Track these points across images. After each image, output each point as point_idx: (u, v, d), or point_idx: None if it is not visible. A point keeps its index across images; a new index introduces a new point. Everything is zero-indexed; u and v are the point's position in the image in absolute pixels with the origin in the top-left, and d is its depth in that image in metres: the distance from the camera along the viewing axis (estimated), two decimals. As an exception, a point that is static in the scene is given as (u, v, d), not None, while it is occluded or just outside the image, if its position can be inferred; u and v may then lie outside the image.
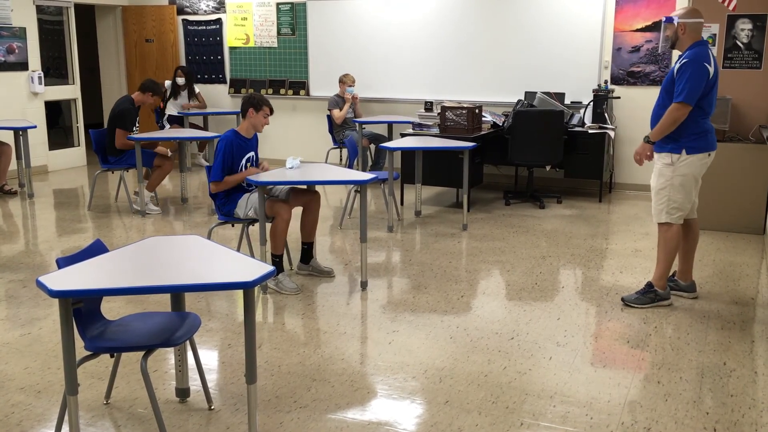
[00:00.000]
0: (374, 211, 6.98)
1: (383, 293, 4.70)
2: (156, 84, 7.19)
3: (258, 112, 4.79)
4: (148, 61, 10.14)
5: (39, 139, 8.93)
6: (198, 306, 4.43)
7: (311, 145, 9.32)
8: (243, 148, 4.81)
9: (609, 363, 3.65)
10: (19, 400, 3.26)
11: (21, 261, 5.41)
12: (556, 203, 7.39)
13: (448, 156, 6.93)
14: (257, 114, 4.79)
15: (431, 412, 3.14)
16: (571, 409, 3.17)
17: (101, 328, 2.92)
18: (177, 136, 7.14)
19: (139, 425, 3.05)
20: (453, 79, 8.56)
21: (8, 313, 4.33)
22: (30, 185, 7.68)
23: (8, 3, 8.49)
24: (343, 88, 8.24)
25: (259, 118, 4.80)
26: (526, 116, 7.11)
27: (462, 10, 8.40)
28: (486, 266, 5.28)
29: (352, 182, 4.82)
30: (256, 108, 4.78)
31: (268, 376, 3.49)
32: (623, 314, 4.33)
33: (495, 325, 4.13)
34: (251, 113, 4.79)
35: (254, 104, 4.78)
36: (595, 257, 5.51)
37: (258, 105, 4.79)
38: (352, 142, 6.72)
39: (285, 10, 9.33)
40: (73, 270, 2.70)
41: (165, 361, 3.66)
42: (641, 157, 4.31)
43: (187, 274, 2.72)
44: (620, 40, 7.79)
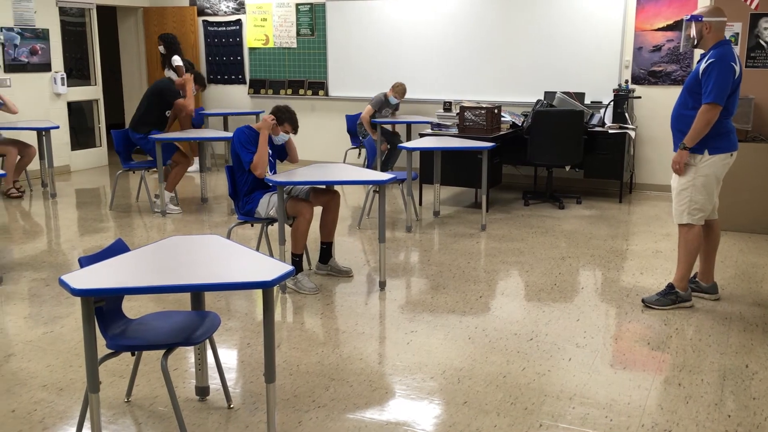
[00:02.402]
0: (393, 211, 6.99)
1: (402, 293, 4.71)
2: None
3: (279, 126, 4.91)
4: (169, 62, 10.21)
5: (62, 139, 9.04)
6: (217, 305, 4.46)
7: (330, 145, 9.34)
8: (256, 140, 4.86)
9: (629, 365, 3.62)
10: (41, 397, 3.30)
11: (44, 260, 5.48)
12: (576, 204, 7.34)
13: (467, 156, 6.92)
14: (277, 127, 4.90)
15: (449, 413, 3.14)
16: (591, 410, 3.15)
17: (122, 327, 2.95)
18: (197, 137, 7.19)
19: (159, 423, 3.08)
20: (472, 79, 8.54)
21: (31, 312, 4.39)
22: (53, 185, 7.77)
23: (32, 5, 8.60)
24: (391, 94, 8.18)
25: (276, 130, 4.90)
26: (545, 116, 7.08)
27: (481, 10, 8.38)
28: (505, 267, 5.26)
29: (371, 182, 4.83)
30: (279, 122, 4.90)
31: (286, 375, 3.51)
32: (644, 316, 4.30)
33: (514, 326, 4.12)
34: (272, 121, 4.89)
35: (278, 118, 4.90)
36: (615, 258, 5.47)
37: (281, 119, 4.91)
38: (371, 143, 6.73)
39: (304, 11, 9.36)
40: (95, 269, 2.73)
41: (185, 359, 3.69)
42: (680, 166, 4.25)
43: (207, 273, 2.74)
44: (641, 40, 7.73)
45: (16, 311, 4.40)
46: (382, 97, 8.22)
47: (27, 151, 7.90)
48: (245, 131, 4.85)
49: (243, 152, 4.78)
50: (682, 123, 4.23)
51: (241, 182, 4.87)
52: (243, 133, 4.83)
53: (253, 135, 4.85)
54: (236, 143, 4.79)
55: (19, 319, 4.26)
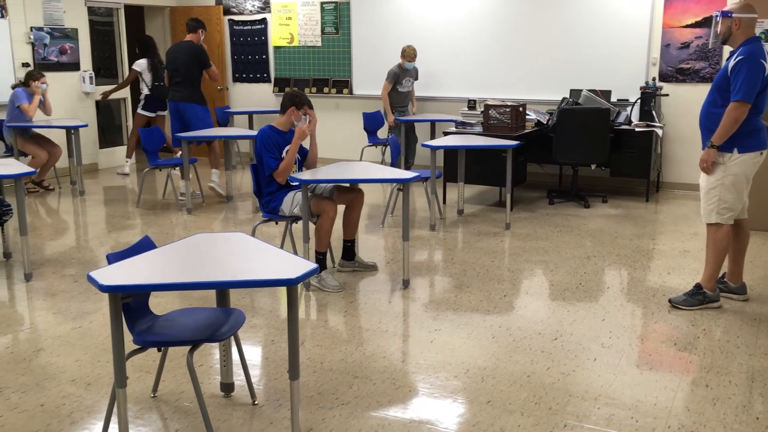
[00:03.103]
0: (416, 210, 6.98)
1: (425, 292, 4.70)
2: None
3: (299, 110, 4.83)
4: (195, 61, 10.29)
5: (90, 137, 9.17)
6: (242, 302, 4.50)
7: (355, 143, 9.35)
8: (279, 142, 4.85)
9: (655, 365, 3.58)
10: (70, 391, 3.35)
11: (72, 256, 5.56)
12: (602, 202, 7.28)
13: (491, 154, 6.89)
14: (298, 112, 4.82)
15: (473, 412, 3.13)
16: (616, 411, 3.12)
17: (149, 323, 2.98)
18: (222, 135, 7.25)
19: (184, 418, 3.11)
20: (496, 76, 8.50)
21: (60, 307, 4.46)
22: (81, 183, 7.88)
23: (61, 5, 8.72)
24: (404, 61, 8.26)
25: (298, 116, 4.82)
26: (570, 114, 7.02)
27: (506, 6, 8.33)
28: (529, 266, 5.24)
29: (396, 180, 4.83)
30: (298, 106, 4.82)
31: (310, 372, 3.52)
32: (671, 316, 4.25)
33: (538, 326, 4.10)
34: (292, 110, 4.82)
35: (296, 102, 4.82)
36: (641, 258, 5.41)
37: (300, 104, 4.82)
38: (395, 141, 6.73)
39: (329, 9, 9.38)
40: (122, 265, 2.77)
41: (210, 356, 3.72)
42: (707, 164, 4.19)
43: (232, 270, 2.76)
44: (669, 37, 7.63)
45: (45, 307, 4.47)
46: (396, 69, 8.28)
47: (54, 151, 8.03)
48: (269, 133, 4.81)
49: (267, 156, 4.75)
50: (710, 121, 4.17)
51: (265, 181, 4.88)
52: (267, 135, 4.79)
53: (276, 137, 4.83)
54: (260, 145, 4.77)
55: (48, 315, 4.33)
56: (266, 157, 4.75)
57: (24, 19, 8.33)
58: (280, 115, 4.89)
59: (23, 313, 4.40)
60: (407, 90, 8.39)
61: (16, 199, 4.86)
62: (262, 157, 4.78)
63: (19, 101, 7.66)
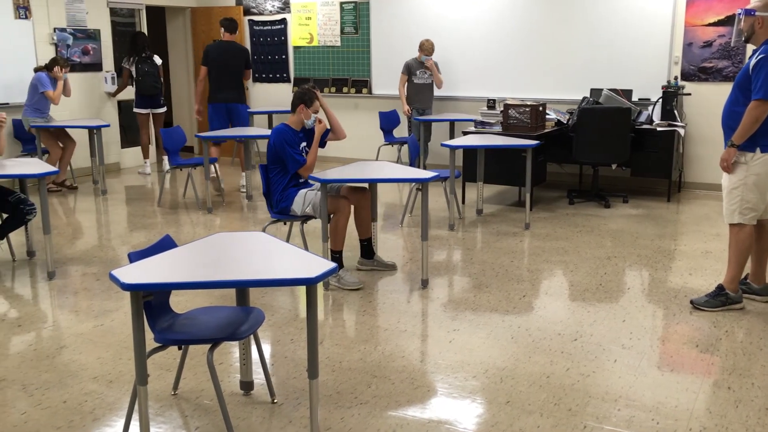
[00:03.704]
0: (435, 209, 6.97)
1: (444, 291, 4.70)
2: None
3: (309, 107, 4.87)
4: (215, 61, 10.36)
5: (112, 137, 9.26)
6: (262, 301, 4.52)
7: (374, 142, 9.35)
8: (296, 140, 4.88)
9: (677, 367, 3.55)
10: (92, 388, 3.39)
11: (95, 255, 5.62)
12: (622, 203, 7.22)
13: (511, 154, 6.86)
14: (308, 110, 4.87)
15: (492, 412, 3.13)
16: (637, 413, 3.10)
17: (170, 321, 3.01)
18: (242, 135, 7.29)
19: (205, 416, 3.14)
20: (516, 76, 8.47)
21: (82, 305, 4.51)
22: (103, 182, 7.97)
23: (84, 6, 8.82)
24: (420, 55, 8.31)
25: (308, 113, 4.87)
26: (591, 114, 6.98)
27: (526, 5, 8.30)
28: (549, 266, 5.21)
29: (414, 180, 4.83)
30: (308, 104, 4.86)
31: (329, 371, 3.53)
32: (692, 317, 4.21)
33: (558, 326, 4.07)
34: (301, 108, 4.86)
35: (305, 101, 4.86)
36: (662, 258, 5.36)
37: (309, 101, 4.87)
38: (414, 141, 6.72)
39: (348, 9, 9.40)
40: (143, 264, 2.80)
41: (230, 354, 3.75)
42: (728, 164, 4.15)
43: (252, 269, 2.77)
44: (691, 35, 7.56)
45: (67, 305, 4.53)
46: (411, 60, 8.36)
47: (68, 144, 8.11)
48: (287, 130, 4.84)
49: (291, 152, 4.78)
50: (733, 120, 4.13)
51: (276, 180, 4.89)
52: (286, 132, 4.82)
53: (293, 135, 4.85)
54: (281, 142, 4.78)
55: (70, 313, 4.38)
56: (291, 152, 4.78)
57: (47, 20, 8.43)
58: (291, 114, 4.92)
59: (46, 310, 4.46)
60: (423, 82, 8.37)
61: (39, 199, 4.92)
62: (285, 154, 4.79)
63: (44, 87, 7.71)
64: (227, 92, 7.71)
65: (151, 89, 8.84)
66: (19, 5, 8.10)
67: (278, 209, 4.92)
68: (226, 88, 7.70)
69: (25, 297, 4.74)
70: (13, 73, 8.08)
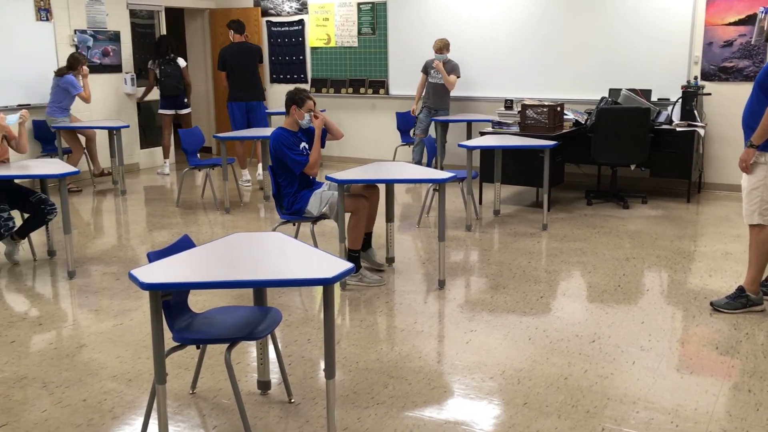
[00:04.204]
0: (452, 210, 6.96)
1: (461, 292, 4.69)
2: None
3: (301, 108, 4.86)
4: (233, 62, 10.41)
5: (131, 138, 9.34)
6: (279, 301, 4.54)
7: (391, 143, 9.36)
8: (294, 141, 4.86)
9: (696, 369, 3.52)
10: (111, 387, 3.42)
11: (114, 255, 5.67)
12: (641, 203, 7.17)
13: (528, 155, 6.83)
14: (300, 110, 4.85)
15: (509, 414, 3.11)
16: (656, 415, 3.08)
17: (188, 320, 3.03)
18: (260, 135, 7.32)
19: (222, 415, 3.15)
20: (534, 76, 8.43)
21: (102, 304, 4.55)
22: (123, 182, 8.04)
23: (104, 8, 8.90)
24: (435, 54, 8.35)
25: (301, 113, 4.86)
26: (609, 114, 6.93)
27: (544, 5, 8.26)
28: (566, 267, 5.18)
29: (431, 181, 4.82)
30: (299, 104, 4.85)
31: (346, 371, 3.54)
32: (712, 319, 4.17)
33: (575, 328, 4.05)
34: (294, 110, 4.86)
35: (296, 101, 4.86)
36: (682, 260, 5.32)
37: (300, 101, 4.86)
38: (431, 141, 6.72)
39: (366, 10, 9.41)
40: (162, 264, 2.82)
41: (247, 354, 3.77)
42: (747, 164, 4.11)
43: (269, 269, 2.79)
44: (711, 35, 7.48)
45: (87, 304, 4.57)
46: (429, 60, 8.38)
47: (87, 133, 8.30)
48: (284, 134, 4.82)
49: (292, 154, 4.76)
50: (753, 120, 4.08)
51: (286, 183, 4.87)
52: (283, 135, 4.80)
53: (290, 137, 4.83)
54: (279, 146, 4.75)
55: (90, 312, 4.43)
56: (292, 155, 4.77)
57: (68, 22, 8.52)
58: (286, 117, 4.92)
59: (66, 310, 4.51)
60: (436, 81, 8.34)
61: (59, 199, 4.97)
62: (285, 157, 4.77)
63: (77, 90, 7.91)
64: (247, 91, 8.02)
65: (172, 90, 9.00)
66: (40, 7, 8.20)
67: (291, 211, 4.92)
68: (245, 87, 8.01)
69: (45, 296, 4.80)
70: (34, 74, 8.17)
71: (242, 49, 8.05)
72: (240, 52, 8.01)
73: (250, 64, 8.03)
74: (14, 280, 5.09)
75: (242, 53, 8.01)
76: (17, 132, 5.32)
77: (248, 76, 8.03)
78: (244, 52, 8.02)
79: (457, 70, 8.28)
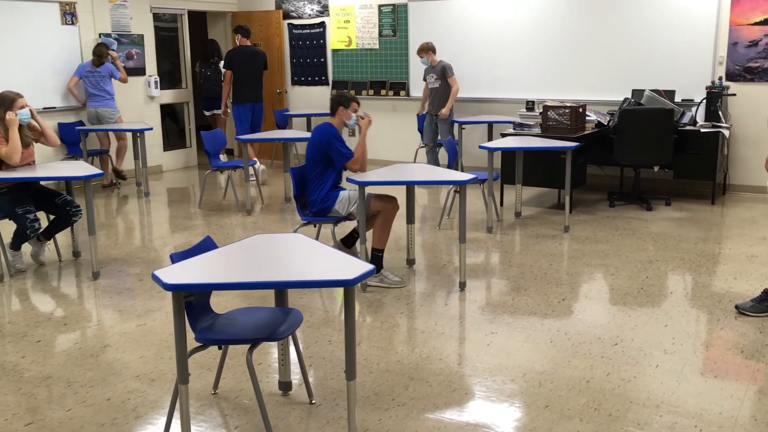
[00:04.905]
0: (473, 212, 6.94)
1: (482, 294, 4.67)
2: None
3: (348, 108, 4.95)
4: (255, 65, 10.47)
5: (155, 140, 9.43)
6: (300, 302, 4.55)
7: (412, 144, 9.36)
8: (341, 137, 4.94)
9: (721, 373, 3.47)
10: (134, 387, 3.46)
11: (138, 256, 5.73)
12: (665, 205, 7.10)
13: (550, 156, 6.80)
14: (347, 110, 4.95)
15: (530, 416, 3.10)
16: (679, 419, 3.04)
17: (210, 321, 3.05)
18: (281, 137, 7.35)
19: (244, 416, 3.17)
20: (555, 77, 8.39)
21: (125, 305, 4.60)
22: (146, 184, 8.12)
23: (128, 11, 9.00)
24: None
25: (348, 114, 4.95)
26: (632, 115, 6.88)
27: (565, 6, 8.21)
28: (588, 269, 5.15)
29: (452, 182, 4.81)
30: (346, 105, 4.95)
31: (366, 373, 3.54)
32: (737, 323, 4.11)
33: (598, 330, 4.02)
34: (341, 110, 4.94)
35: (343, 102, 4.95)
36: (706, 262, 5.26)
37: (347, 102, 4.96)
38: (452, 143, 6.71)
39: (387, 12, 9.42)
40: (185, 265, 2.84)
41: (269, 354, 3.78)
42: None
43: (291, 271, 2.80)
44: (736, 35, 7.39)
45: (111, 304, 4.63)
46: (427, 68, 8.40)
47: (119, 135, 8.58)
48: (332, 128, 4.90)
49: (340, 146, 4.82)
50: (780, 121, 4.03)
51: (317, 182, 4.89)
52: (333, 128, 4.89)
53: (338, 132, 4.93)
54: (329, 136, 4.82)
55: (114, 312, 4.48)
56: (338, 146, 4.83)
57: (93, 26, 8.63)
58: (331, 117, 4.98)
59: (91, 310, 4.56)
60: (431, 86, 8.33)
61: (85, 200, 5.04)
62: (332, 148, 4.82)
63: (117, 74, 8.30)
64: (251, 93, 8.49)
65: (209, 92, 9.57)
66: (65, 11, 8.31)
67: (317, 210, 4.94)
68: (250, 89, 8.48)
69: (70, 296, 4.86)
70: (60, 77, 8.29)
71: (250, 52, 8.46)
72: (247, 55, 8.43)
73: (257, 68, 8.48)
74: (40, 280, 5.17)
75: (249, 56, 8.43)
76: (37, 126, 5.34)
77: (255, 78, 8.49)
78: (251, 56, 8.44)
79: (448, 71, 8.18)
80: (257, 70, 8.49)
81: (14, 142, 5.00)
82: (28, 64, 7.96)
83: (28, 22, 7.94)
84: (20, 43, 7.89)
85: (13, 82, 7.33)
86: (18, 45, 7.87)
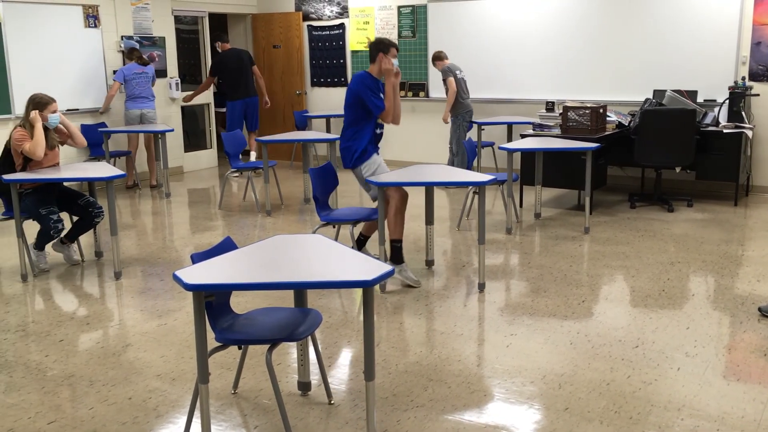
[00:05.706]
0: (493, 213, 6.92)
1: (501, 296, 4.66)
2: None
3: (387, 54, 4.84)
4: (276, 66, 10.54)
5: (176, 141, 9.51)
6: (319, 303, 4.57)
7: (431, 146, 9.36)
8: (375, 85, 4.88)
9: (743, 377, 3.43)
10: (155, 386, 3.49)
11: (159, 256, 5.78)
12: (687, 206, 7.03)
13: (570, 157, 6.76)
14: (386, 56, 4.84)
15: (550, 419, 3.08)
16: (701, 423, 3.01)
17: (230, 321, 3.07)
18: (300, 138, 7.38)
19: (263, 415, 3.19)
20: (576, 77, 8.34)
21: (147, 305, 4.64)
22: (167, 185, 8.19)
23: (149, 14, 9.09)
24: None
25: (389, 60, 4.83)
26: (654, 116, 6.82)
27: (586, 5, 8.16)
28: (609, 271, 5.11)
29: (471, 184, 4.80)
30: (385, 51, 4.84)
31: (385, 374, 3.55)
32: (760, 325, 4.06)
33: (618, 332, 3.99)
34: (381, 57, 4.84)
35: (382, 48, 4.85)
36: (729, 264, 5.20)
37: (386, 48, 4.85)
38: (472, 144, 6.69)
39: (406, 13, 9.42)
40: (205, 265, 2.86)
41: (288, 355, 3.80)
42: None
43: (310, 271, 2.81)
44: (760, 34, 7.30)
45: (133, 304, 4.67)
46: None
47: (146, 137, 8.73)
48: (367, 77, 4.85)
49: (373, 97, 4.78)
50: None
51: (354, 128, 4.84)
52: (366, 78, 4.83)
53: (372, 82, 4.86)
54: (362, 86, 4.78)
55: (135, 312, 4.52)
56: (373, 98, 4.79)
57: (115, 29, 8.73)
58: (371, 65, 4.93)
59: (113, 309, 4.61)
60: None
61: (107, 202, 5.09)
62: (368, 97, 4.78)
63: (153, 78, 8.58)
64: (243, 89, 9.08)
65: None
66: (88, 14, 8.41)
67: (352, 162, 4.89)
68: (243, 86, 9.07)
69: (93, 296, 4.92)
70: (83, 79, 8.39)
71: (233, 53, 9.11)
72: (232, 57, 9.06)
73: (242, 65, 9.06)
74: (63, 280, 5.23)
75: (237, 57, 9.08)
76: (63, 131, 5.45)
77: (247, 76, 9.10)
78: (238, 56, 9.09)
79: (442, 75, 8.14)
80: (243, 66, 9.05)
81: (37, 137, 5.08)
82: (51, 66, 8.06)
83: (51, 24, 8.05)
84: (44, 46, 8.00)
85: (37, 84, 7.43)
86: (42, 47, 7.98)
